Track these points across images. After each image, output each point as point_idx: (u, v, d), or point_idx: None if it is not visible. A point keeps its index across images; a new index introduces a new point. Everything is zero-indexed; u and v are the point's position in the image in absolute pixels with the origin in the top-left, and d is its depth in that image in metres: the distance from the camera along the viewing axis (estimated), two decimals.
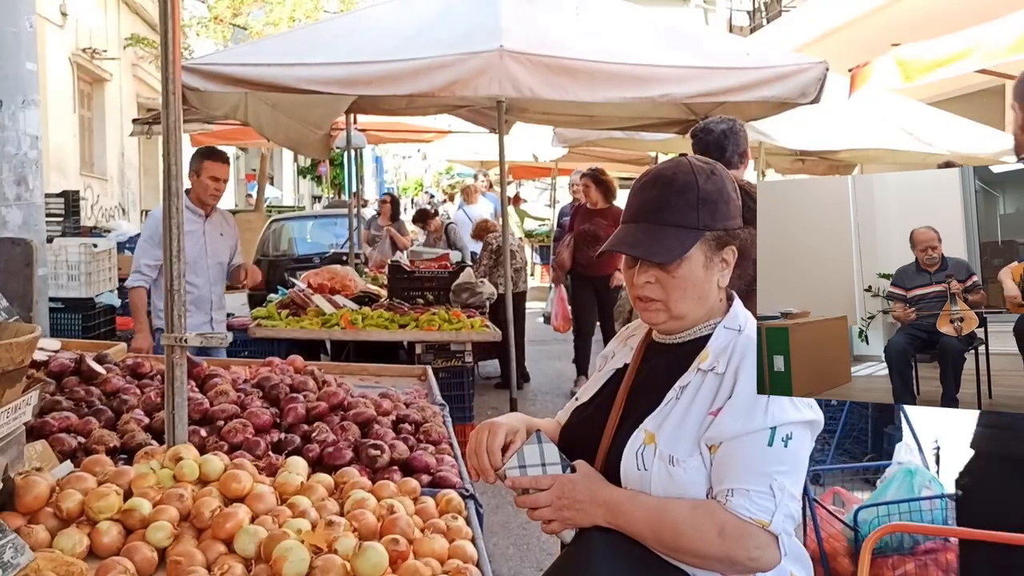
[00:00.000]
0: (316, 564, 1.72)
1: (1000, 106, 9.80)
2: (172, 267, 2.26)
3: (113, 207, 15.60)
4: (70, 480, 2.00)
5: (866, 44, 7.92)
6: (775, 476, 1.57)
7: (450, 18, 5.15)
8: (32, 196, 4.16)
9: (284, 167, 30.75)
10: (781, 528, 1.57)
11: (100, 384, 2.83)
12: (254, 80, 4.81)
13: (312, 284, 6.67)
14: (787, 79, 5.09)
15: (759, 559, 1.58)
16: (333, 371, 3.45)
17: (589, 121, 7.82)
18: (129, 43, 16.05)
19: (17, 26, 4.04)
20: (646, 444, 1.66)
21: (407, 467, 2.50)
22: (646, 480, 1.64)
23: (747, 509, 1.56)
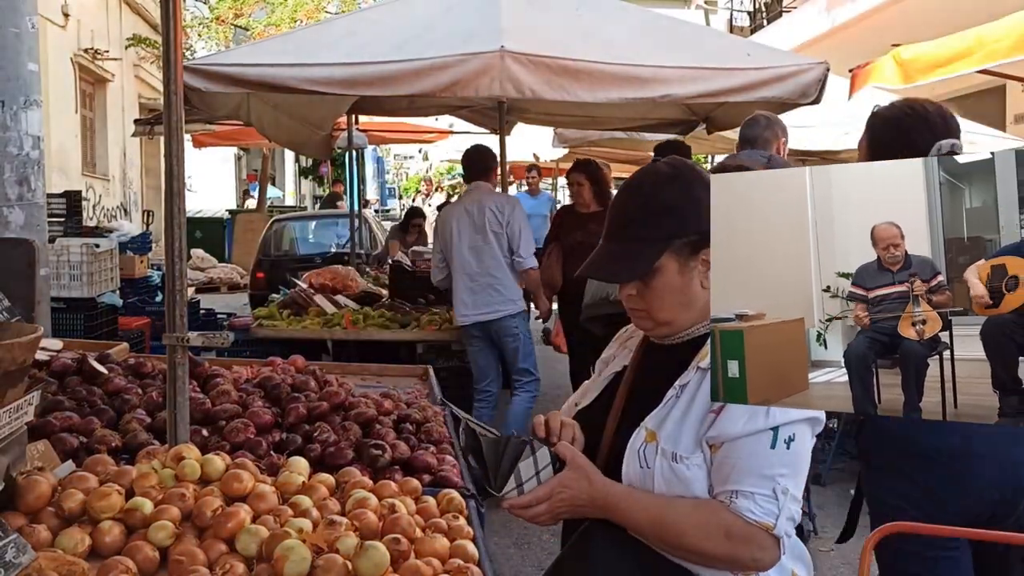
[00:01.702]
0: (317, 564, 1.72)
1: (1000, 106, 9.81)
2: (174, 267, 2.27)
3: (115, 207, 15.63)
4: (72, 480, 2.00)
5: (867, 45, 7.92)
6: (778, 479, 1.58)
7: (451, 19, 5.15)
8: (34, 196, 4.16)
9: (286, 167, 30.79)
10: (783, 531, 1.59)
11: (102, 384, 2.83)
12: (255, 80, 4.82)
13: (314, 284, 6.68)
14: (788, 80, 5.09)
15: (761, 560, 1.60)
16: (334, 371, 3.46)
17: (590, 122, 7.83)
18: (131, 43, 16.08)
19: (19, 26, 4.05)
20: (647, 442, 1.66)
21: (408, 467, 2.51)
22: (648, 478, 1.65)
23: (752, 512, 1.57)
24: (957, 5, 7.89)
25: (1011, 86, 8.89)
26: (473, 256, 5.41)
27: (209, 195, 22.13)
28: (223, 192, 25.03)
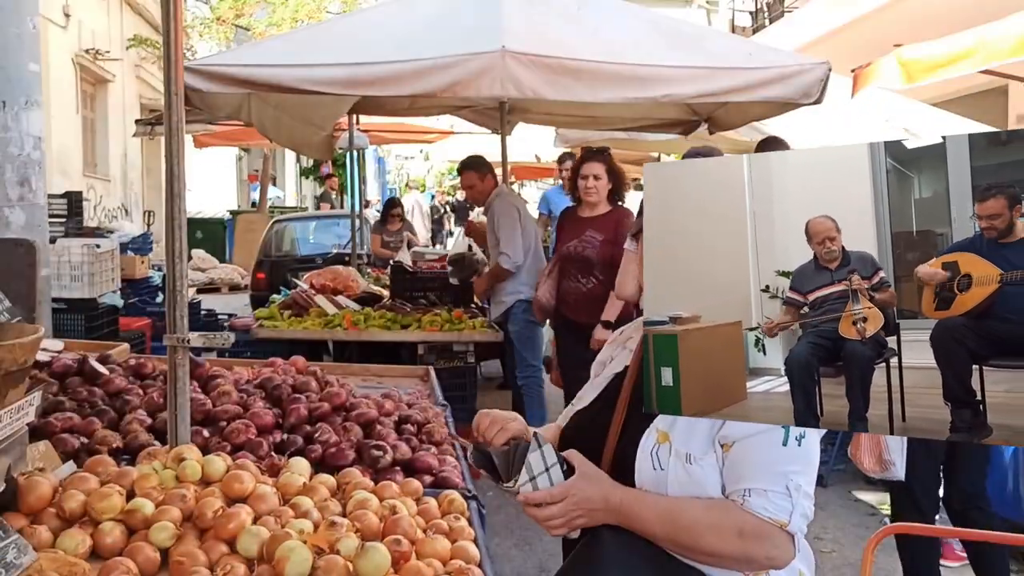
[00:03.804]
0: (318, 565, 1.72)
1: (1003, 107, 9.79)
2: (174, 268, 2.26)
3: (116, 208, 15.64)
4: (73, 480, 2.00)
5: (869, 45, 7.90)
6: (791, 476, 1.58)
7: (452, 19, 5.15)
8: (35, 197, 4.16)
9: (287, 168, 30.78)
10: (798, 527, 1.59)
11: (103, 385, 2.83)
12: (257, 81, 4.81)
13: (314, 285, 6.68)
14: (790, 79, 5.08)
15: (776, 558, 1.60)
16: (335, 372, 3.46)
17: (591, 122, 7.81)
18: (132, 44, 16.08)
19: (20, 27, 4.04)
20: (660, 443, 1.65)
21: (409, 468, 2.51)
22: (662, 480, 1.64)
23: (766, 509, 1.57)
24: (960, 5, 7.88)
25: (1013, 86, 8.87)
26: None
27: (210, 196, 22.13)
28: (224, 193, 25.03)
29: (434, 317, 5.96)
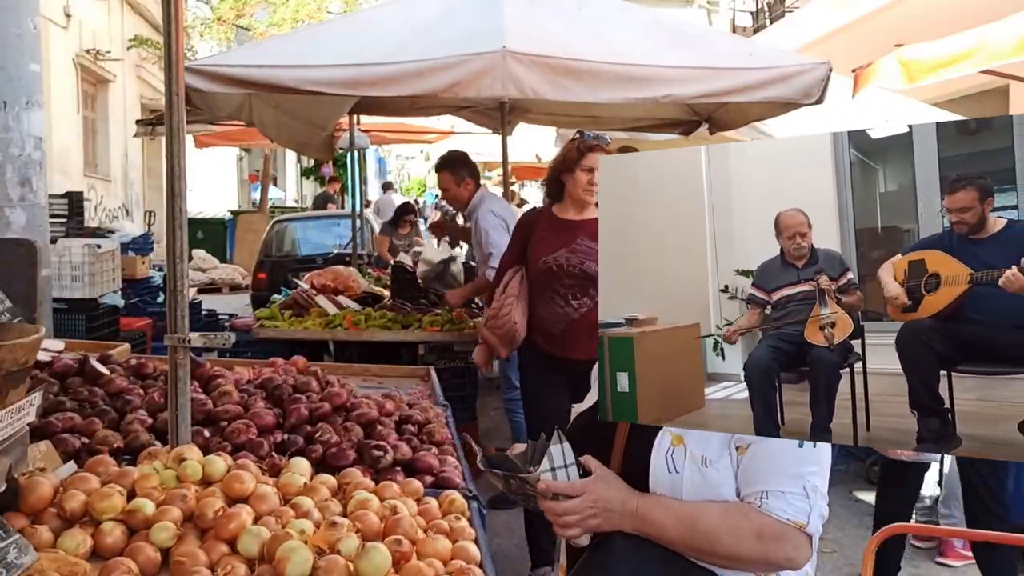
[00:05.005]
0: (319, 565, 1.72)
1: (1004, 107, 9.78)
2: (175, 268, 2.27)
3: (117, 208, 15.65)
4: (74, 480, 2.00)
5: (869, 45, 7.90)
6: (807, 477, 1.57)
7: (452, 19, 5.15)
8: (36, 197, 4.17)
9: (287, 168, 30.80)
10: (815, 528, 1.59)
11: (104, 385, 2.83)
12: (257, 81, 4.81)
13: (315, 285, 6.68)
14: (790, 80, 5.08)
15: (795, 559, 1.59)
16: (336, 372, 3.46)
17: (592, 122, 7.81)
18: (133, 44, 16.10)
19: (21, 27, 4.05)
20: (674, 446, 1.64)
21: (410, 468, 2.51)
22: (677, 482, 1.63)
23: (783, 511, 1.56)
24: (960, 5, 7.88)
25: (1014, 86, 8.86)
26: None
27: (211, 196, 22.14)
28: (225, 193, 25.05)
29: (435, 317, 5.96)
